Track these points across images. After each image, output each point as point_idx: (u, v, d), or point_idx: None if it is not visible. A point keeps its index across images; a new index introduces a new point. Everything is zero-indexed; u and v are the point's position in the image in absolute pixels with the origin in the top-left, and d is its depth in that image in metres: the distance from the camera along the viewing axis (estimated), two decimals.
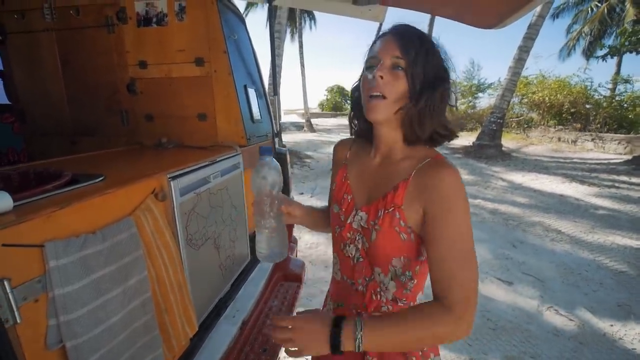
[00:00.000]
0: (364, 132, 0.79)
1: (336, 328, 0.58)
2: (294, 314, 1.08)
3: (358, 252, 0.74)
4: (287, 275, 1.84)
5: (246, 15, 18.97)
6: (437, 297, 0.59)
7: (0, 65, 1.79)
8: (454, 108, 0.73)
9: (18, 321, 0.54)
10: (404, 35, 0.66)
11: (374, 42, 0.71)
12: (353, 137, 0.84)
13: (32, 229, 0.59)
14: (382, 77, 0.65)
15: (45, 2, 1.59)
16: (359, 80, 0.75)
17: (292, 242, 2.12)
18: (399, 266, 0.68)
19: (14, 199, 0.59)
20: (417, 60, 0.64)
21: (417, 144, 0.70)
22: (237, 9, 1.77)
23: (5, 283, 0.52)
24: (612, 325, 2.37)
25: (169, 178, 0.99)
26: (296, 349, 0.60)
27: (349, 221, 0.75)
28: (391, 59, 0.65)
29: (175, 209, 1.00)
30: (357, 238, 0.74)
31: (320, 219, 0.91)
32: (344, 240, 0.76)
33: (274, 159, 0.74)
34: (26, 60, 1.73)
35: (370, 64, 0.68)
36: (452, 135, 0.71)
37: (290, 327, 0.60)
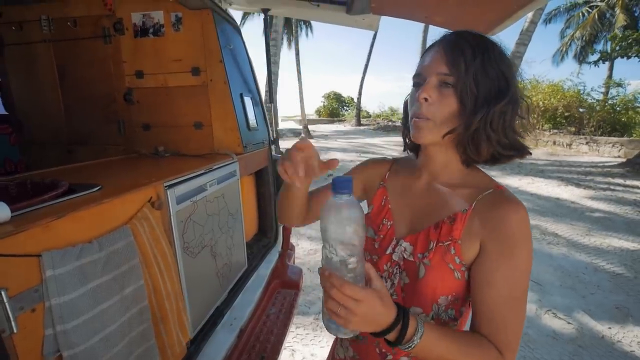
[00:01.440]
0: (413, 148, 0.72)
1: (404, 319, 0.50)
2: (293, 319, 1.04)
3: (392, 289, 0.64)
4: (285, 282, 1.84)
5: (243, 23, 19.20)
6: (483, 334, 0.55)
7: None
8: (524, 120, 0.62)
9: (15, 331, 0.54)
10: (454, 46, 0.58)
11: (423, 55, 0.63)
12: (391, 158, 0.78)
13: (29, 239, 0.59)
14: (426, 100, 0.58)
15: (43, 14, 1.61)
16: (409, 96, 0.67)
17: (290, 249, 2.12)
18: (444, 304, 0.60)
19: (11, 209, 0.59)
20: (468, 75, 0.56)
21: (474, 164, 0.63)
22: (233, 19, 1.80)
23: (2, 293, 0.52)
24: (610, 328, 2.38)
25: (166, 186, 0.99)
26: (344, 319, 0.48)
27: (388, 252, 0.65)
28: (437, 77, 0.58)
29: (171, 217, 1.01)
30: (395, 272, 0.64)
31: (305, 204, 0.71)
32: (379, 272, 0.65)
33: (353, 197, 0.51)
34: (24, 71, 1.74)
35: (416, 81, 0.61)
36: (523, 153, 0.61)
37: (359, 299, 0.47)
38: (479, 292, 0.56)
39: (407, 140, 0.71)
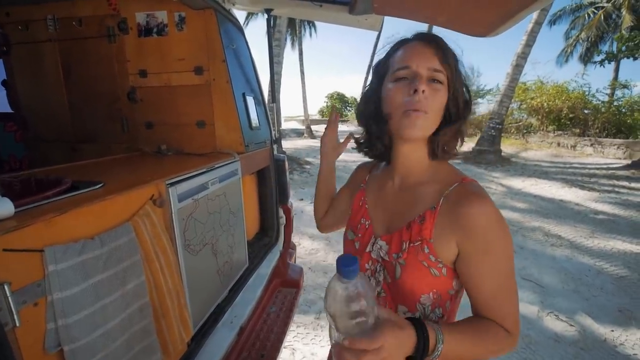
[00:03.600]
0: (380, 153, 0.70)
1: (424, 336, 0.51)
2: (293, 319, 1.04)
3: (379, 286, 0.66)
4: (286, 281, 1.84)
5: (247, 24, 19.25)
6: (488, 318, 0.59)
7: (5, 75, 1.82)
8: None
9: (17, 324, 0.55)
10: (440, 44, 0.59)
11: (396, 50, 0.63)
12: (374, 160, 0.77)
13: (32, 234, 0.60)
14: (423, 92, 0.57)
15: (49, 14, 1.63)
16: (372, 92, 0.66)
17: (291, 248, 2.13)
18: (428, 303, 0.61)
19: (15, 205, 0.60)
20: (457, 73, 0.59)
21: (441, 159, 0.64)
22: (236, 19, 1.81)
23: (5, 287, 0.53)
24: (612, 331, 2.36)
25: (168, 184, 1.00)
26: None
27: (367, 250, 0.67)
28: (429, 71, 0.58)
29: (173, 215, 1.02)
30: (378, 270, 0.66)
31: (330, 196, 0.91)
32: (362, 271, 0.66)
33: (360, 274, 0.48)
34: (29, 70, 1.76)
35: (402, 75, 0.60)
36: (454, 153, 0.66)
37: (381, 345, 0.46)
38: (471, 290, 0.59)
39: (364, 144, 0.72)
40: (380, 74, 0.65)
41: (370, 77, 0.70)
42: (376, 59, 0.67)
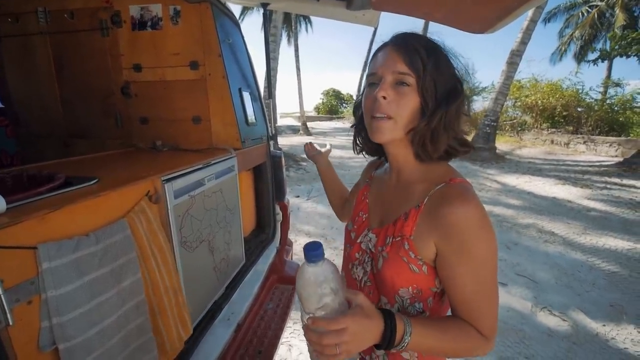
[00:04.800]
0: (375, 150, 0.74)
1: (392, 324, 0.53)
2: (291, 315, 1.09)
3: (366, 275, 0.68)
4: (282, 278, 1.84)
5: (242, 19, 19.08)
6: (464, 320, 0.59)
7: None
8: (469, 117, 0.65)
9: (10, 323, 0.54)
10: (407, 46, 0.59)
11: (374, 55, 0.64)
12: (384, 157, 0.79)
13: (25, 231, 0.59)
14: (384, 98, 0.59)
15: (40, 6, 1.59)
16: (361, 96, 0.68)
17: (288, 244, 2.12)
18: (407, 297, 0.62)
19: (6, 201, 0.59)
20: (426, 73, 0.58)
21: (430, 161, 0.64)
22: (232, 13, 1.79)
23: None
24: (604, 325, 2.40)
25: (163, 180, 0.99)
26: (346, 350, 0.50)
27: (359, 240, 0.70)
28: (393, 75, 0.59)
29: (169, 212, 1.01)
30: (366, 260, 0.68)
31: (338, 190, 1.03)
32: (352, 260, 0.71)
33: (326, 260, 0.52)
34: (20, 63, 1.73)
35: (371, 81, 0.62)
36: (469, 149, 0.65)
37: (344, 327, 0.49)
38: (449, 290, 0.59)
39: (359, 144, 0.76)
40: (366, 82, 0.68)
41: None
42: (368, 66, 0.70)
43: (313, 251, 0.51)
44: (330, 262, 0.53)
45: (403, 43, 0.60)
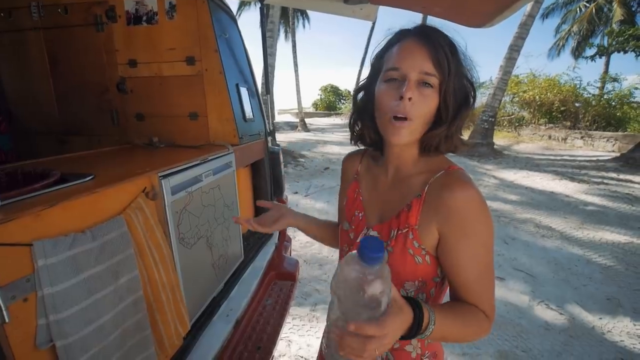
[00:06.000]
0: (373, 142, 0.70)
1: (420, 315, 0.51)
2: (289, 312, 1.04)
3: None
4: (281, 274, 1.84)
5: (239, 15, 18.90)
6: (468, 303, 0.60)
7: None
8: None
9: (7, 320, 0.53)
10: (434, 44, 0.56)
11: (392, 43, 0.61)
12: (363, 148, 0.76)
13: (20, 228, 0.58)
14: (410, 99, 0.56)
15: (33, 1, 1.57)
16: (368, 84, 0.65)
17: (286, 240, 2.12)
18: (412, 289, 0.63)
19: (1, 197, 0.58)
20: (450, 76, 0.56)
21: (432, 155, 0.64)
22: (229, 7, 1.77)
23: None
24: (601, 319, 2.42)
25: (160, 177, 0.98)
26: (383, 350, 0.48)
27: (358, 240, 0.69)
28: (419, 75, 0.56)
29: (166, 208, 1.00)
30: None
31: (331, 235, 0.86)
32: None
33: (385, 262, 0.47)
34: (13, 59, 1.70)
35: (392, 77, 0.58)
36: (466, 146, 0.65)
37: (388, 331, 0.46)
38: (452, 275, 0.60)
39: (357, 132, 0.71)
40: (375, 68, 0.64)
41: (368, 69, 0.68)
42: (376, 49, 0.65)
43: (375, 253, 0.42)
44: (386, 266, 0.46)
45: (428, 39, 0.56)
